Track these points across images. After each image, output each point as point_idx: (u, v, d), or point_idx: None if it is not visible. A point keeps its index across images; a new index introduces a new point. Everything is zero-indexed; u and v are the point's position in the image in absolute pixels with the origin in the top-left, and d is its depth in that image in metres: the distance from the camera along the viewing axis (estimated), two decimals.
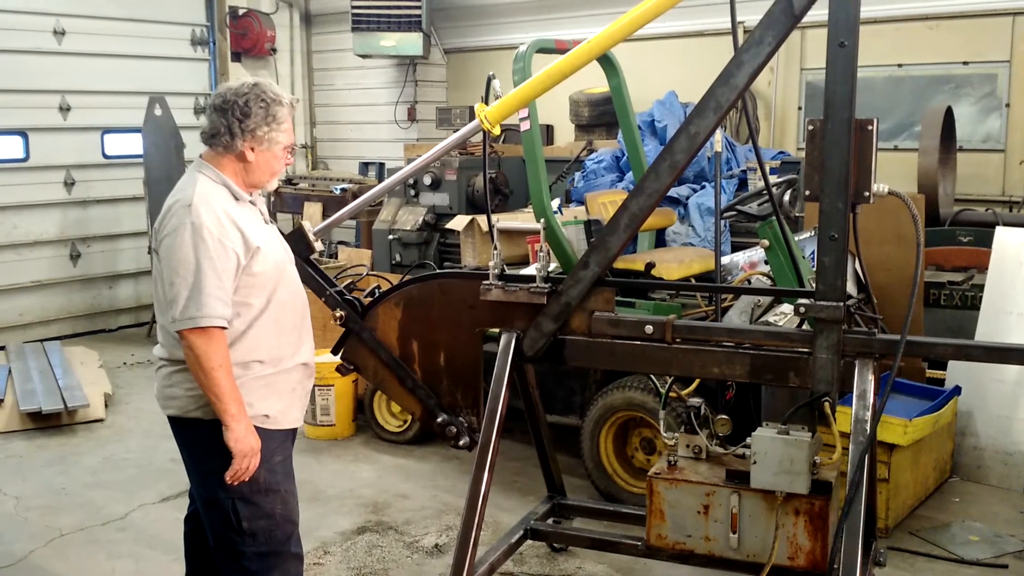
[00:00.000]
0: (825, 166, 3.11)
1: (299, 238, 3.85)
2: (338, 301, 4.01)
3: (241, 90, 3.24)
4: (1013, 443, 5.55)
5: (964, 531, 4.96)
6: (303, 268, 3.87)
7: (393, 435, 6.40)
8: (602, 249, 3.53)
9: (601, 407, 5.26)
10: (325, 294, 4.01)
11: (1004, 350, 3.51)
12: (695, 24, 8.46)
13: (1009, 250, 5.84)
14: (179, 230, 3.10)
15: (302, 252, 3.84)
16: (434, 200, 7.67)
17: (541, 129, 7.64)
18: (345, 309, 4.00)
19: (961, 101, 7.51)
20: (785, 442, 3.39)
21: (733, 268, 5.54)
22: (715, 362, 3.46)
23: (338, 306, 4.00)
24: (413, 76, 10.76)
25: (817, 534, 3.45)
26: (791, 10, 3.10)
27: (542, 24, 9.31)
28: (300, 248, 3.82)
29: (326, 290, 4.01)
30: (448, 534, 4.95)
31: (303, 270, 3.86)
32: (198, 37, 10.44)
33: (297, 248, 3.79)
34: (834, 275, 3.17)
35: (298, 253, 3.81)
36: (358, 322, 4.01)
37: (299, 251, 3.81)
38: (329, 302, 4.01)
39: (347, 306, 4.01)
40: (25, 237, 9.18)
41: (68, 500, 5.54)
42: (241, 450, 3.15)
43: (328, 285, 4.03)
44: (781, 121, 8.49)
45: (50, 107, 9.24)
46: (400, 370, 3.99)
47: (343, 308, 4.00)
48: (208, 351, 3.08)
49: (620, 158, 7.53)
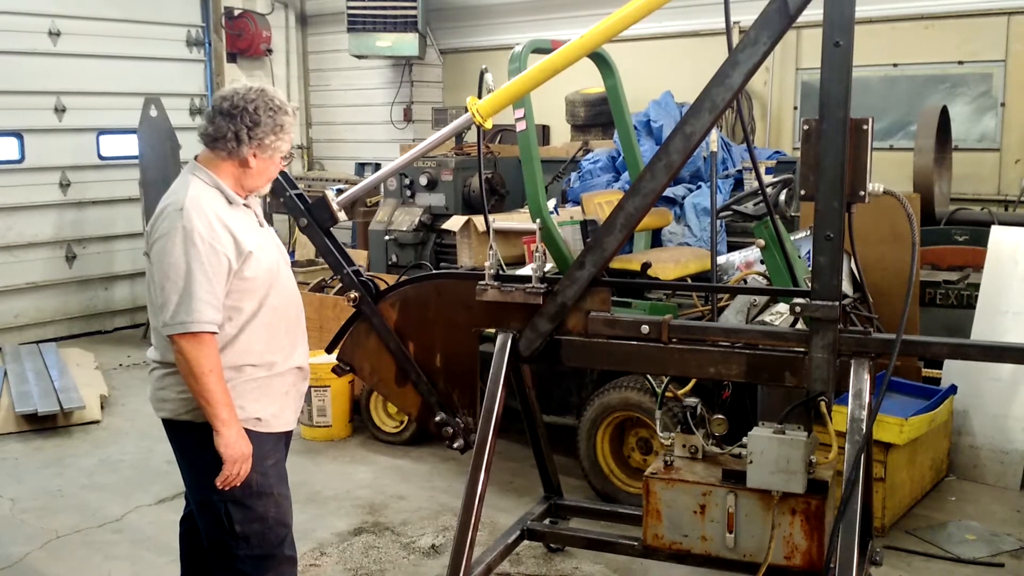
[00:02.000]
0: (821, 166, 3.11)
1: (322, 207, 3.78)
2: (354, 282, 3.90)
3: (249, 96, 3.22)
4: (1009, 442, 5.55)
5: (960, 530, 4.97)
6: (322, 240, 3.83)
7: (390, 436, 6.39)
8: (598, 249, 3.53)
9: (597, 407, 5.26)
10: (342, 272, 3.91)
11: (1000, 349, 3.51)
12: (690, 24, 8.46)
13: (1005, 249, 5.84)
14: (170, 234, 3.10)
15: (325, 221, 3.80)
16: (430, 200, 7.67)
17: (537, 129, 7.66)
18: (360, 291, 3.90)
19: (956, 100, 7.52)
20: (781, 442, 3.40)
21: (729, 268, 5.54)
22: (711, 362, 3.46)
23: (353, 287, 3.90)
24: (409, 77, 10.75)
25: (813, 533, 3.45)
26: (786, 10, 3.10)
27: (538, 25, 9.30)
28: (323, 217, 3.78)
29: (343, 268, 3.90)
30: (445, 535, 4.95)
31: (322, 242, 3.83)
32: (194, 38, 10.42)
33: (320, 217, 3.76)
34: (830, 274, 3.18)
35: (320, 222, 3.78)
36: (371, 306, 3.91)
37: (322, 220, 3.78)
38: (344, 281, 3.91)
39: (362, 287, 3.91)
40: (20, 238, 9.16)
41: (64, 502, 5.53)
42: (231, 455, 3.15)
43: (346, 263, 3.91)
44: (777, 121, 8.49)
45: (46, 108, 9.22)
46: (406, 363, 3.93)
47: (358, 289, 3.90)
48: (198, 356, 3.07)
49: (616, 158, 7.53)
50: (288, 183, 3.80)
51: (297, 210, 3.81)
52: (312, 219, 3.81)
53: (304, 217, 3.81)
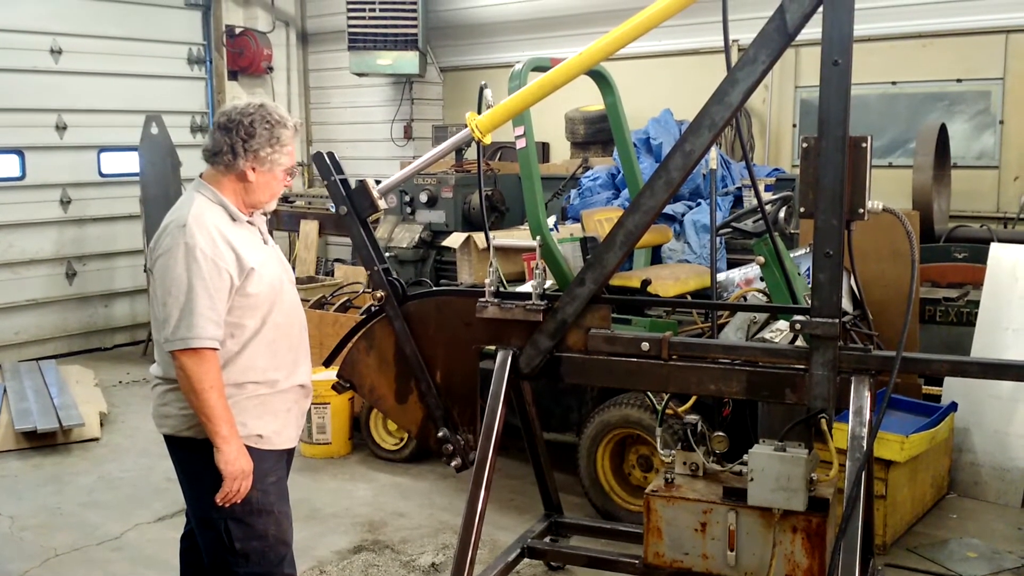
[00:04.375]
0: (820, 183, 3.12)
1: (363, 194, 3.72)
2: (383, 280, 3.82)
3: (247, 110, 3.25)
4: (1010, 459, 5.54)
5: (962, 548, 4.95)
6: (359, 231, 3.76)
7: (390, 453, 6.38)
8: (598, 266, 3.54)
9: (598, 424, 5.26)
10: (372, 269, 3.83)
11: (1000, 366, 3.51)
12: (690, 42, 8.49)
13: (1004, 266, 5.85)
14: (173, 250, 3.11)
15: (365, 210, 3.74)
16: (430, 217, 7.69)
17: (537, 147, 7.67)
18: (387, 290, 3.83)
19: (955, 118, 7.54)
20: (782, 459, 3.39)
21: (729, 285, 5.55)
22: (711, 379, 3.46)
23: (382, 286, 3.82)
24: (409, 94, 10.79)
25: (815, 551, 3.44)
26: (785, 29, 3.12)
27: (538, 43, 9.34)
28: (364, 205, 3.73)
29: (374, 265, 3.83)
30: (445, 553, 4.93)
31: (358, 233, 3.76)
32: (195, 56, 10.47)
33: (360, 205, 3.71)
34: (830, 292, 3.18)
35: (360, 211, 3.72)
36: (395, 308, 3.85)
37: (362, 208, 3.73)
38: (374, 278, 3.84)
39: (390, 287, 3.85)
40: (21, 255, 9.18)
41: (63, 520, 5.52)
42: (231, 472, 3.14)
43: (378, 260, 3.84)
44: (776, 138, 8.51)
45: (47, 126, 9.25)
46: (419, 372, 3.89)
47: (386, 289, 3.83)
48: (199, 372, 3.07)
49: (616, 175, 7.55)
50: (335, 167, 3.74)
51: (339, 196, 3.73)
52: (352, 207, 3.74)
53: (344, 204, 3.74)
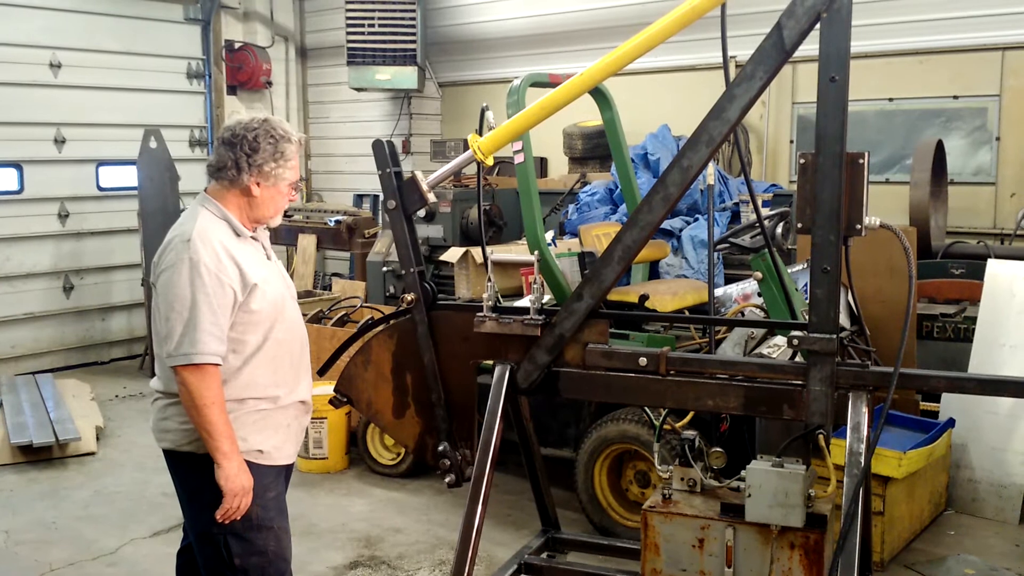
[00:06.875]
0: (817, 199, 3.12)
1: (412, 188, 3.64)
2: (417, 284, 3.74)
3: (251, 125, 3.25)
4: (1007, 475, 5.54)
5: (959, 564, 4.94)
6: (403, 228, 3.68)
7: (386, 468, 6.36)
8: (596, 281, 3.53)
9: (595, 440, 5.25)
10: (408, 270, 3.75)
11: (997, 382, 3.50)
12: (688, 59, 8.52)
13: (1001, 282, 5.86)
14: (176, 265, 3.11)
15: (414, 204, 3.66)
16: (428, 232, 7.69)
17: (535, 162, 7.68)
18: (419, 295, 3.76)
19: (952, 135, 7.57)
20: (780, 475, 3.38)
21: (726, 300, 5.55)
22: (709, 394, 3.46)
23: (415, 290, 3.75)
24: (408, 109, 10.82)
25: (812, 568, 3.43)
26: (782, 45, 3.13)
27: (536, 58, 9.38)
28: (413, 199, 3.65)
29: (411, 267, 3.75)
30: (441, 569, 4.91)
31: (402, 230, 3.68)
32: (194, 70, 10.50)
33: (410, 199, 3.64)
34: (827, 307, 3.18)
35: (409, 205, 3.66)
36: (423, 313, 3.78)
37: (411, 203, 3.65)
38: (408, 280, 3.76)
39: (422, 292, 3.77)
40: (19, 269, 9.17)
41: (59, 534, 5.50)
42: (232, 488, 3.13)
43: (416, 262, 3.75)
44: (773, 154, 8.54)
45: (45, 139, 9.27)
46: (434, 382, 3.84)
47: (418, 293, 3.76)
48: (201, 388, 3.07)
49: (613, 190, 7.55)
50: (393, 159, 3.67)
51: (389, 189, 3.66)
52: (400, 201, 3.68)
53: (393, 199, 3.67)
